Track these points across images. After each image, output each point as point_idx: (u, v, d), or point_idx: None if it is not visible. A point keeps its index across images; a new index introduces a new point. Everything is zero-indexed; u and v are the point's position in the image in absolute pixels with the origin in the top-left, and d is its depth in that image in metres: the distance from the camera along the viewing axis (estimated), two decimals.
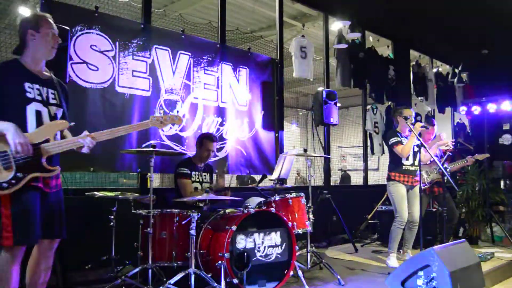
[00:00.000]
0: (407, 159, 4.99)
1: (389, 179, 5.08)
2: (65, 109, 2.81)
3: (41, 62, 2.73)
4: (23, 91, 2.58)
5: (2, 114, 2.50)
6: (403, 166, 5.00)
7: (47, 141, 2.60)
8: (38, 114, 2.62)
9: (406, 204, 4.93)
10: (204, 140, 4.53)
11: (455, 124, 10.29)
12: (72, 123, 2.82)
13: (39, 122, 2.62)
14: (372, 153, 7.88)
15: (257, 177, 6.01)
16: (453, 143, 5.39)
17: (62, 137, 2.79)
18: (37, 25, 2.66)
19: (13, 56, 2.76)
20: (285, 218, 3.95)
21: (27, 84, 2.61)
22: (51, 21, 2.74)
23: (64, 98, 2.84)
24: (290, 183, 7.62)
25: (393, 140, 4.99)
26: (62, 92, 2.82)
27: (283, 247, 3.84)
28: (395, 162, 5.05)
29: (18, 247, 2.50)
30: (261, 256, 3.71)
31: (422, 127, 4.85)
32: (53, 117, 2.71)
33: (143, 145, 4.56)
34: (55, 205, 2.71)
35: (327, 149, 7.00)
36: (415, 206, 4.96)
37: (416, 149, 4.99)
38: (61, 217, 2.76)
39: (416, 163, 4.98)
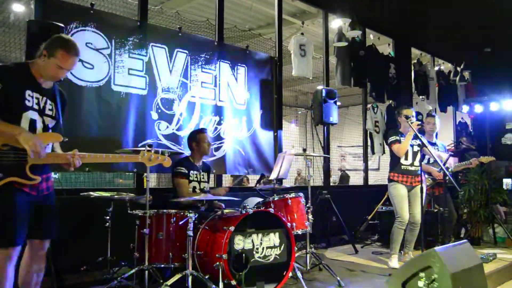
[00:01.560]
0: (406, 158, 4.96)
1: (389, 179, 5.08)
2: (60, 121, 2.85)
3: (43, 78, 2.75)
4: (22, 98, 2.61)
5: (1, 116, 2.52)
6: (402, 166, 4.98)
7: None
8: (32, 122, 2.65)
9: (407, 205, 4.92)
10: (198, 135, 4.53)
11: (457, 123, 10.30)
12: (66, 139, 2.87)
13: (32, 130, 2.64)
14: (373, 152, 7.88)
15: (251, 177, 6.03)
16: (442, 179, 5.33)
17: (52, 149, 2.82)
18: (53, 52, 2.66)
19: (6, 54, 2.77)
20: (284, 219, 3.95)
21: (27, 92, 2.64)
22: (71, 59, 2.72)
23: (61, 109, 2.87)
24: (289, 183, 7.63)
25: (391, 139, 4.99)
26: (60, 102, 2.86)
27: (282, 248, 3.85)
28: (394, 162, 5.04)
29: (11, 248, 2.51)
30: (259, 257, 3.71)
31: (418, 125, 4.80)
32: (46, 128, 2.74)
33: (140, 145, 4.56)
34: (45, 207, 2.74)
35: (326, 148, 7.00)
36: (416, 207, 4.95)
37: (416, 149, 4.99)
38: (52, 218, 2.80)
39: (416, 163, 4.97)
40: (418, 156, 4.98)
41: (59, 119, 2.84)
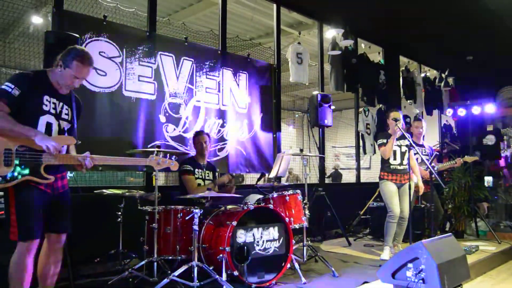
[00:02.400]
0: (394, 159, 4.96)
1: (380, 178, 5.08)
2: (75, 125, 2.85)
3: (60, 85, 2.76)
4: (41, 103, 2.63)
5: (17, 118, 2.52)
6: (391, 166, 4.97)
7: None
8: (49, 125, 2.67)
9: (398, 200, 4.93)
10: (195, 137, 4.59)
11: (442, 125, 10.29)
12: (79, 142, 2.88)
13: (48, 132, 2.66)
14: (364, 153, 7.86)
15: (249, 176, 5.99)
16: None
17: (67, 151, 2.83)
18: (68, 64, 2.67)
19: (26, 62, 2.78)
20: (282, 214, 3.95)
21: (45, 97, 2.65)
22: (85, 69, 2.73)
23: (77, 114, 2.88)
24: (282, 180, 7.61)
25: (378, 142, 5.02)
26: (76, 108, 2.87)
27: (280, 241, 3.83)
28: (384, 162, 5.05)
29: (30, 241, 2.53)
30: (260, 249, 3.70)
31: (403, 125, 4.81)
32: (61, 130, 2.75)
33: (149, 146, 4.55)
34: (60, 204, 2.76)
35: (321, 149, 7.00)
36: (405, 203, 4.94)
37: (404, 149, 4.97)
38: (67, 214, 2.81)
39: (405, 162, 4.95)
40: (406, 156, 4.95)
41: (74, 123, 2.85)
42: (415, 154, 5.31)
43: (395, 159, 4.98)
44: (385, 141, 4.93)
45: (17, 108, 2.55)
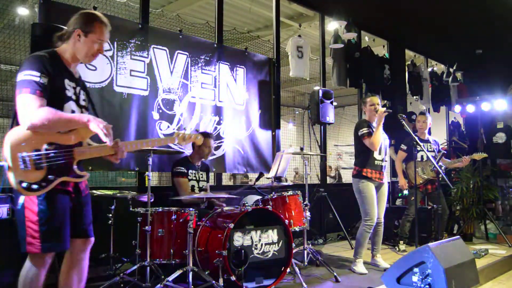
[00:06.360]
0: (379, 153, 4.54)
1: (359, 175, 4.54)
2: (92, 113, 2.61)
3: (77, 62, 2.54)
4: (63, 88, 2.38)
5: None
6: (376, 162, 4.52)
7: (80, 144, 2.39)
8: (72, 113, 2.42)
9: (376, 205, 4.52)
10: (203, 138, 4.49)
11: (450, 122, 10.31)
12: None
13: None
14: None
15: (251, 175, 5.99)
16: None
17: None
18: (89, 29, 2.44)
19: (11, 56, 2.68)
20: (282, 216, 3.94)
21: (66, 81, 2.41)
22: (106, 30, 2.52)
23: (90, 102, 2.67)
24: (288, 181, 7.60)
25: (362, 131, 4.49)
26: (88, 94, 2.65)
27: (280, 245, 3.84)
28: (367, 156, 4.52)
29: (46, 254, 2.29)
30: (258, 253, 3.70)
31: (385, 111, 4.38)
32: None
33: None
34: (86, 205, 2.53)
35: (323, 147, 7.00)
36: (383, 207, 4.64)
37: (387, 142, 4.68)
38: (89, 217, 2.56)
39: (386, 158, 4.69)
40: (387, 150, 4.68)
41: (90, 111, 2.64)
42: (420, 151, 5.28)
43: (380, 153, 4.55)
44: (370, 130, 4.48)
45: None
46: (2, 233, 3.37)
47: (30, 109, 2.19)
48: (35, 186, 2.21)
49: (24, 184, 2.19)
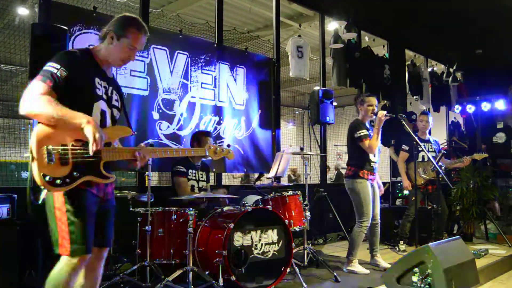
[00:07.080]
0: (374, 155, 4.56)
1: (355, 176, 4.50)
2: (123, 114, 2.54)
3: (109, 64, 2.46)
4: (93, 87, 2.28)
5: (69, 107, 2.14)
6: (371, 163, 4.54)
7: (108, 145, 2.30)
8: (103, 114, 2.33)
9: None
10: (202, 137, 4.48)
11: (450, 122, 10.32)
12: (135, 133, 2.62)
13: (103, 123, 2.32)
14: None
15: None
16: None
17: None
18: (123, 33, 2.36)
19: (11, 56, 2.65)
20: (282, 216, 3.95)
21: (97, 80, 2.32)
22: (141, 37, 2.42)
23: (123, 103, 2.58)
24: (283, 181, 7.62)
25: (360, 133, 4.48)
26: (121, 96, 2.56)
27: (280, 245, 3.84)
28: (364, 158, 4.50)
29: (83, 256, 2.16)
30: (258, 253, 3.70)
31: (386, 115, 4.42)
32: (114, 120, 2.45)
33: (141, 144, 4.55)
34: (109, 212, 2.42)
35: (323, 147, 7.00)
36: (378, 207, 4.67)
37: (379, 144, 4.64)
38: (111, 226, 2.45)
39: (379, 160, 4.71)
40: (378, 152, 4.67)
41: (122, 111, 2.54)
42: (420, 151, 5.29)
43: (374, 155, 4.57)
44: (368, 132, 4.50)
45: (65, 93, 2.17)
46: (2, 233, 3.37)
47: (32, 92, 2.11)
48: (58, 181, 2.09)
49: (48, 178, 2.07)
